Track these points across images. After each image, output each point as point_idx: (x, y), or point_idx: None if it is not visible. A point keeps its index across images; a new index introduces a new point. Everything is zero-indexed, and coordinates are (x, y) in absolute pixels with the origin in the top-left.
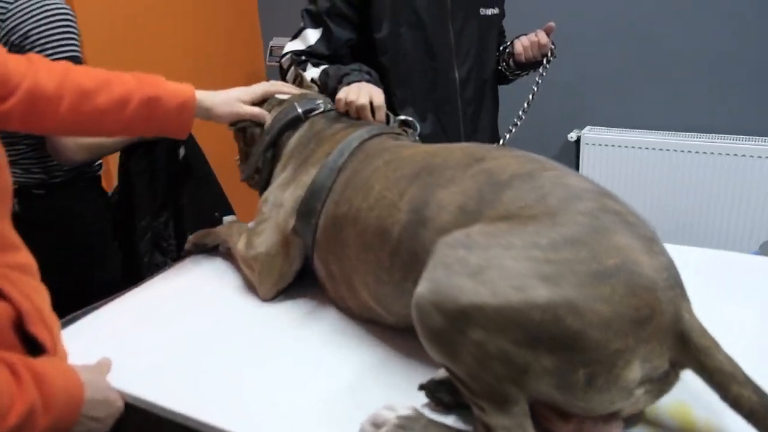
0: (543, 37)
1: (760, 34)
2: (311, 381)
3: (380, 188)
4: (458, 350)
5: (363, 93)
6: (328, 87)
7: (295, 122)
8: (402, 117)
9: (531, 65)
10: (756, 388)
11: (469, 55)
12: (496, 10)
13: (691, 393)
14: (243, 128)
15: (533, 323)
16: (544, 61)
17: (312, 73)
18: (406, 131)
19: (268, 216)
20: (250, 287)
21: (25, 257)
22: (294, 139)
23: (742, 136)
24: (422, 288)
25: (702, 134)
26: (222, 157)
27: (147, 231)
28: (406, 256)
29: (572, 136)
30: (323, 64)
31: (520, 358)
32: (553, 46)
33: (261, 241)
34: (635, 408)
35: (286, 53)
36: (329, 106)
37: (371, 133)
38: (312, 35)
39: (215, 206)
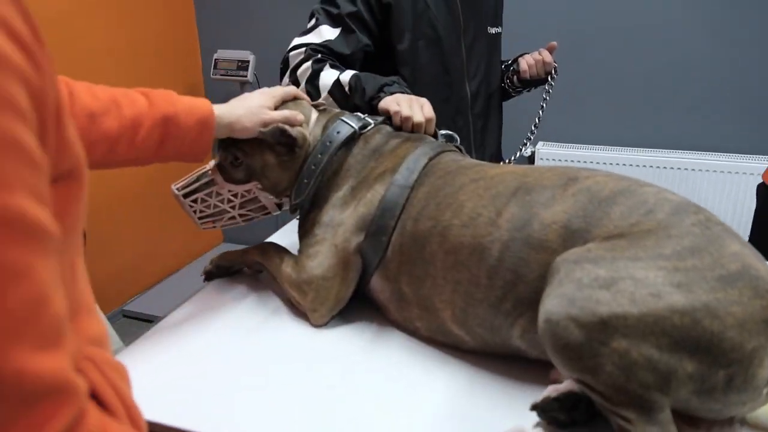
0: (547, 56)
1: (706, 53)
2: (407, 406)
3: (473, 205)
4: (600, 362)
5: (416, 108)
6: (365, 94)
7: (349, 140)
8: (444, 132)
9: (534, 82)
10: None
11: (479, 71)
12: (499, 29)
13: None
14: (284, 132)
15: (675, 328)
16: (549, 79)
17: (334, 74)
18: (460, 149)
19: (322, 237)
20: (297, 313)
21: (99, 322)
22: (350, 157)
23: (689, 151)
24: (553, 304)
25: (651, 149)
26: None
27: None
28: (508, 274)
29: (527, 151)
30: (342, 68)
31: (664, 364)
32: (556, 64)
33: (316, 264)
34: (754, 409)
35: (297, 46)
36: (378, 119)
37: (435, 150)
38: (329, 32)
39: None
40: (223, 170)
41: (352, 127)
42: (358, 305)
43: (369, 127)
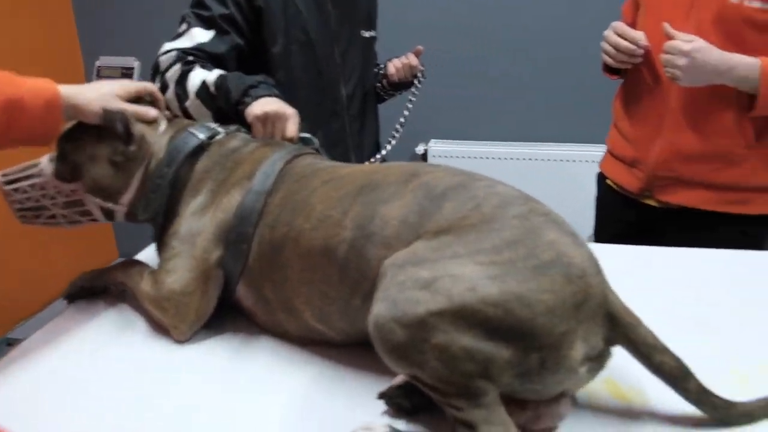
0: (413, 60)
1: (581, 50)
2: (266, 409)
3: (323, 208)
4: (424, 358)
5: (278, 127)
6: (230, 97)
7: (197, 151)
8: (302, 135)
9: (403, 85)
10: (673, 356)
11: (354, 74)
12: (373, 33)
13: (612, 371)
14: (127, 124)
15: (489, 319)
16: (416, 82)
17: (201, 75)
18: (318, 150)
19: (180, 250)
20: (162, 329)
21: None
22: (202, 164)
23: (567, 144)
24: (379, 307)
25: (533, 143)
26: None
27: None
28: (354, 272)
29: (420, 149)
30: (213, 68)
31: (482, 353)
32: (422, 68)
33: (174, 279)
34: (578, 386)
35: (168, 51)
36: (231, 129)
37: (292, 154)
38: (202, 35)
39: None
40: (55, 164)
41: (199, 138)
42: (226, 311)
43: (218, 136)
